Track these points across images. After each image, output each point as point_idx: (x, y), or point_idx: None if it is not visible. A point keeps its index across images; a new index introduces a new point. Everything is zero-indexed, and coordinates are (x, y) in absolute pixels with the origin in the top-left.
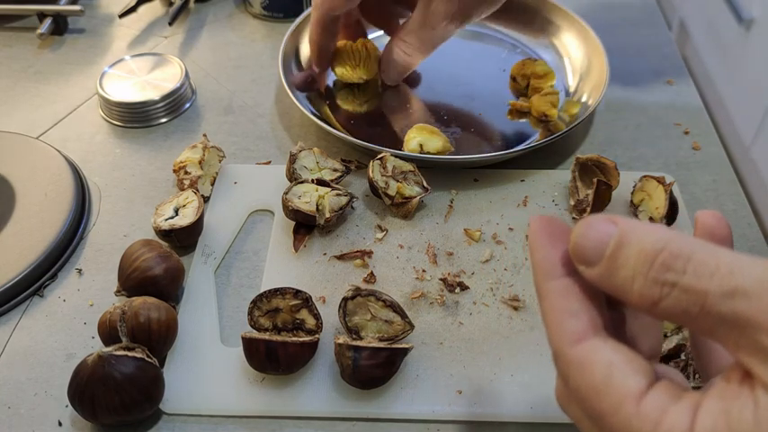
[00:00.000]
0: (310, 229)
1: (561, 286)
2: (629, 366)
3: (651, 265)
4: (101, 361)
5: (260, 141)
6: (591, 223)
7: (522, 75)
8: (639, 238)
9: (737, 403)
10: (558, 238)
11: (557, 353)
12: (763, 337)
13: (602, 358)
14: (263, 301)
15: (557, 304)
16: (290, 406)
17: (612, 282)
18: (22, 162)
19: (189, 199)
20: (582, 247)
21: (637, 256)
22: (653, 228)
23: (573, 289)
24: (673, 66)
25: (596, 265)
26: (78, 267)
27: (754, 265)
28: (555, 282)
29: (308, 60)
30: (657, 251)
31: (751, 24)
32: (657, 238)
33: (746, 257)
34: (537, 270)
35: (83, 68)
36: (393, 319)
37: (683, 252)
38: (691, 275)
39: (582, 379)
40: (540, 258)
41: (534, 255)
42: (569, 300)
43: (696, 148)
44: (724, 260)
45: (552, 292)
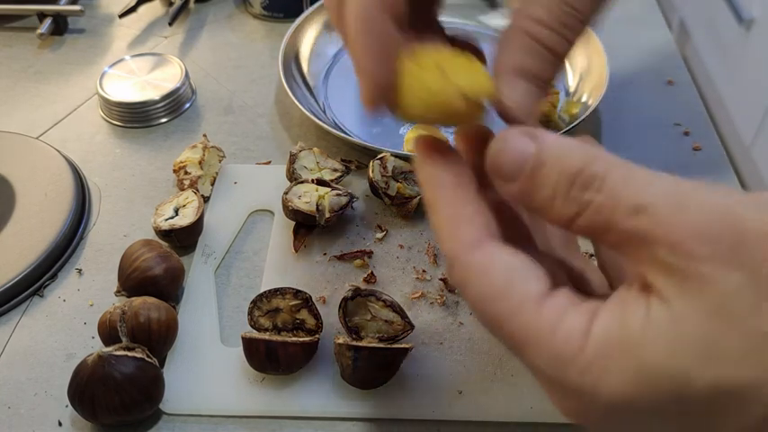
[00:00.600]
0: (310, 229)
1: (452, 193)
2: (530, 272)
3: (570, 186)
4: (101, 361)
5: (260, 141)
6: (509, 138)
7: None
8: (559, 157)
9: (631, 308)
10: (444, 152)
11: (453, 260)
12: (661, 251)
13: (502, 263)
14: (263, 301)
15: (449, 211)
16: (290, 406)
17: (531, 199)
18: (22, 162)
19: (189, 199)
20: (500, 163)
21: (558, 176)
22: (573, 145)
23: (465, 195)
24: (673, 66)
25: (515, 182)
26: (78, 267)
27: (659, 181)
28: (445, 189)
29: (308, 62)
30: (577, 172)
31: (751, 24)
32: (578, 157)
33: (657, 175)
34: (425, 181)
35: (83, 68)
36: (393, 319)
37: (600, 171)
38: (605, 194)
39: (481, 285)
40: (428, 170)
41: (422, 169)
42: (462, 206)
43: (696, 148)
44: (634, 177)
45: (443, 199)
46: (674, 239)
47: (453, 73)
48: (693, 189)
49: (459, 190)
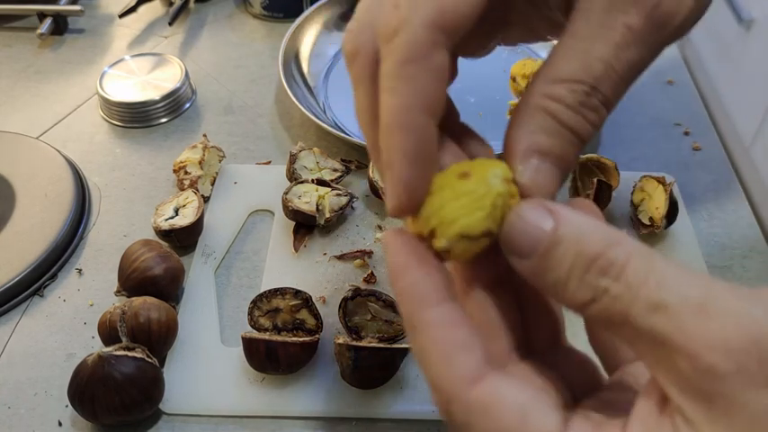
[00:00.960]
0: (310, 229)
1: (443, 314)
2: (543, 404)
3: (587, 269)
4: (101, 361)
5: (260, 141)
6: (525, 212)
7: (522, 75)
8: (578, 238)
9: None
10: (423, 257)
11: (450, 398)
12: (681, 362)
13: (512, 399)
14: (263, 301)
15: (441, 337)
16: (290, 406)
17: (545, 278)
18: (22, 162)
19: (189, 199)
20: (514, 238)
21: (574, 258)
22: (593, 226)
23: (458, 315)
24: (673, 66)
25: (529, 259)
26: (78, 267)
27: (682, 278)
28: (434, 309)
29: (308, 62)
30: (596, 255)
31: (751, 24)
32: (598, 239)
33: (680, 269)
34: (407, 298)
35: (83, 68)
36: (393, 319)
37: (620, 258)
38: (623, 284)
39: (490, 425)
40: (409, 283)
41: (400, 280)
42: (456, 330)
43: (696, 148)
44: (655, 270)
45: (433, 323)
46: (695, 350)
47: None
48: (718, 291)
49: (449, 308)
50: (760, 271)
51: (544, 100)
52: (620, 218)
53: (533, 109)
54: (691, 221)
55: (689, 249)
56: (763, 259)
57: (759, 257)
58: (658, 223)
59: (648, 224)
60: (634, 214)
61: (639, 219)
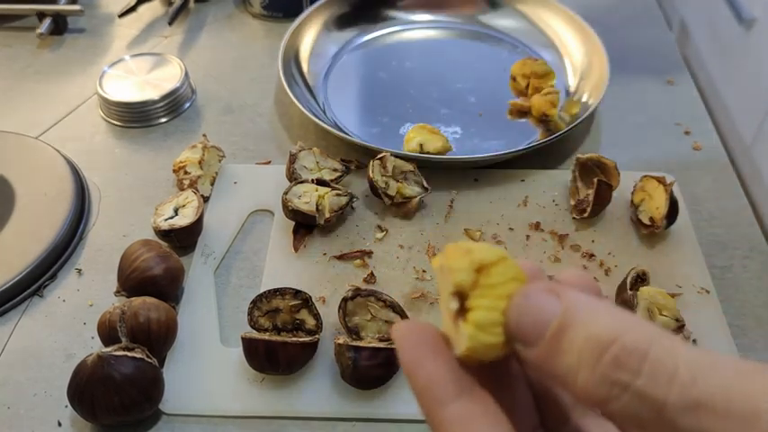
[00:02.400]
0: (310, 229)
1: (459, 411)
2: None
3: (600, 358)
4: (100, 361)
5: (260, 141)
6: (529, 295)
7: (522, 74)
8: (586, 322)
9: None
10: (434, 348)
11: None
12: None
13: None
14: (263, 301)
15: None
16: (290, 406)
17: (553, 368)
18: (22, 162)
19: (189, 199)
20: (520, 324)
21: (583, 344)
22: (602, 309)
23: (473, 410)
24: (673, 66)
25: (536, 347)
26: (78, 267)
27: (718, 371)
28: (450, 408)
29: (308, 62)
30: (609, 342)
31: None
32: (609, 323)
33: (709, 358)
34: (423, 396)
35: (83, 68)
36: (393, 319)
37: (639, 347)
38: (647, 378)
39: None
40: (424, 381)
41: (417, 377)
42: (473, 425)
43: (696, 148)
44: (684, 361)
45: (450, 422)
46: None
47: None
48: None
49: (464, 404)
50: (760, 271)
51: None
52: (620, 218)
53: None
54: (691, 221)
55: (689, 249)
56: (763, 259)
57: (759, 257)
58: (659, 223)
59: (649, 224)
60: (634, 214)
61: (640, 219)
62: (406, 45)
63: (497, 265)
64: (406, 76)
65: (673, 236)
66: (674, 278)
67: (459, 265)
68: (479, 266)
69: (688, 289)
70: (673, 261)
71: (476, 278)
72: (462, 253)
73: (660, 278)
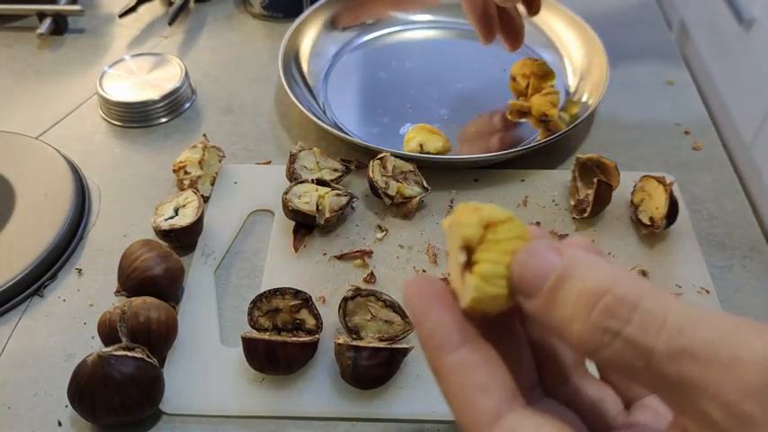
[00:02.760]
0: (310, 229)
1: (461, 359)
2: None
3: (592, 308)
4: (101, 361)
5: (260, 141)
6: (533, 250)
7: (522, 75)
8: (583, 275)
9: None
10: (441, 299)
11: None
12: (710, 407)
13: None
14: (263, 301)
15: (461, 381)
16: (290, 406)
17: (550, 319)
18: (22, 162)
19: (189, 199)
20: (521, 276)
21: (578, 296)
22: (600, 264)
23: (475, 358)
24: (673, 66)
25: (536, 298)
26: (78, 267)
27: (705, 321)
28: (453, 355)
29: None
30: (601, 292)
31: (751, 24)
32: (603, 277)
33: (698, 310)
34: (428, 344)
35: (83, 68)
36: (393, 319)
37: (630, 297)
38: (636, 326)
39: None
40: (429, 330)
41: (422, 327)
42: (474, 373)
43: (696, 148)
44: (673, 313)
45: (452, 369)
46: (727, 398)
47: None
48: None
49: (466, 351)
50: (760, 271)
51: None
52: (620, 218)
53: None
54: (691, 221)
55: (689, 249)
56: (763, 259)
57: (759, 257)
58: (658, 223)
59: (649, 224)
60: (634, 214)
61: (640, 219)
62: (406, 45)
63: (505, 223)
64: (407, 76)
65: (673, 236)
66: (674, 278)
67: (468, 221)
68: (487, 223)
69: (688, 289)
70: (673, 261)
71: (483, 234)
72: (472, 210)
73: (660, 278)
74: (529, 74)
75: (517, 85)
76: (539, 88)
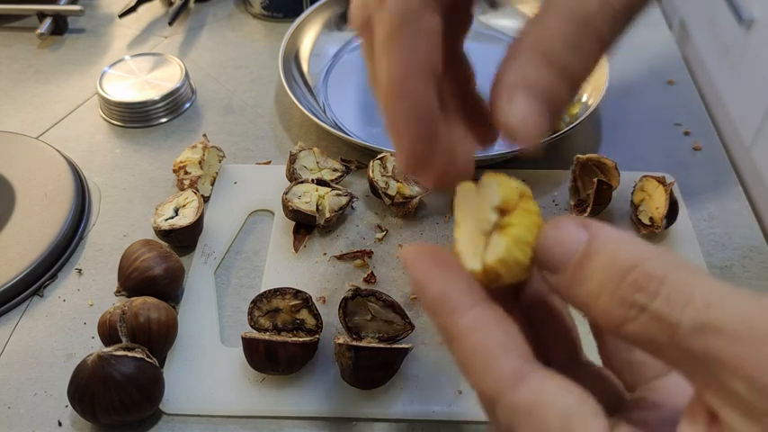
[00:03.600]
0: (310, 229)
1: (477, 319)
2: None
3: (620, 283)
4: (101, 361)
5: (260, 141)
6: (560, 225)
7: None
8: (611, 250)
9: None
10: (446, 262)
11: (494, 400)
12: (734, 382)
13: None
14: (263, 301)
15: (480, 341)
16: (290, 406)
17: (576, 294)
18: (22, 162)
19: (189, 199)
20: (547, 251)
21: (605, 270)
22: (628, 239)
23: (490, 317)
24: (673, 66)
25: (561, 273)
26: (78, 267)
27: (732, 298)
28: (467, 315)
29: (308, 62)
30: (629, 267)
31: (751, 24)
32: (632, 252)
33: (725, 287)
34: (439, 308)
35: (83, 68)
36: (393, 319)
37: (657, 273)
38: (662, 301)
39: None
40: (438, 293)
41: (429, 291)
42: (492, 332)
43: (696, 148)
44: (700, 288)
45: (469, 329)
46: (752, 373)
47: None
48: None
49: (481, 311)
50: (760, 271)
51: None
52: (620, 218)
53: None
54: (691, 221)
55: (689, 249)
56: (763, 259)
57: (759, 257)
58: (658, 223)
59: (648, 224)
60: (634, 214)
61: (639, 219)
62: None
63: (531, 198)
64: None
65: (673, 236)
66: None
67: (509, 183)
68: (522, 193)
69: None
70: None
71: (518, 202)
72: (505, 177)
73: None
74: None
75: None
76: None
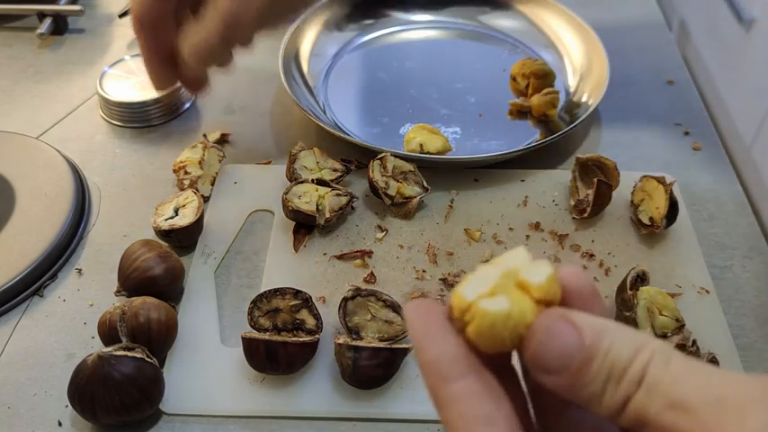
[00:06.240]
0: (310, 229)
1: (466, 388)
2: None
3: (621, 380)
4: (101, 361)
5: (260, 141)
6: (551, 328)
7: (522, 75)
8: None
9: None
10: (444, 326)
11: None
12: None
13: None
14: (263, 301)
15: (465, 412)
16: (290, 406)
17: (578, 394)
18: (22, 162)
19: (189, 199)
20: (543, 356)
21: (608, 373)
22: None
23: (480, 389)
24: (673, 66)
25: (559, 375)
26: (78, 267)
27: (697, 373)
28: (457, 384)
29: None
30: (627, 365)
31: (751, 24)
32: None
33: (694, 364)
34: (431, 372)
35: (83, 68)
36: (393, 319)
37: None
38: (643, 388)
39: None
40: (432, 357)
41: (425, 353)
42: (480, 403)
43: (696, 148)
44: (672, 369)
45: (457, 398)
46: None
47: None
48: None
49: (471, 381)
50: (760, 271)
51: None
52: (620, 218)
53: None
54: (691, 221)
55: (689, 249)
56: (763, 259)
57: (759, 257)
58: (658, 223)
59: (648, 224)
60: (634, 214)
61: (639, 219)
62: (406, 45)
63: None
64: (406, 77)
65: (673, 236)
66: (674, 278)
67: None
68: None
69: (688, 289)
70: (673, 261)
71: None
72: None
73: (660, 278)
74: (529, 74)
75: (517, 85)
76: (539, 88)
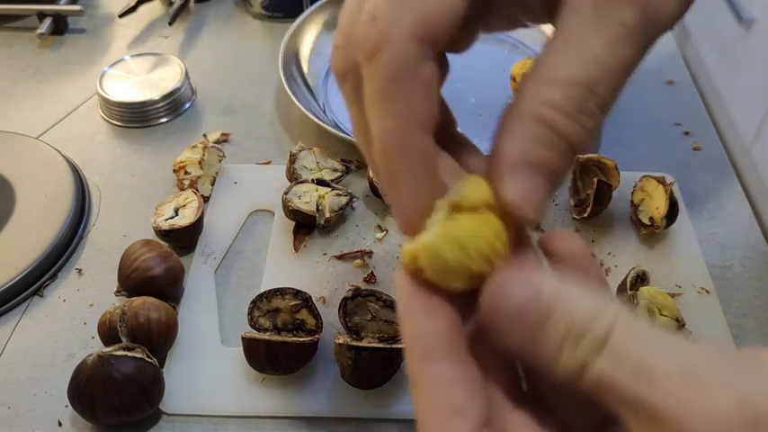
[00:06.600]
0: (310, 229)
1: (443, 373)
2: None
3: (578, 343)
4: (101, 361)
5: (260, 141)
6: (508, 284)
7: (522, 75)
8: (567, 309)
9: None
10: (434, 302)
11: None
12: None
13: None
14: (263, 301)
15: (437, 398)
16: (290, 406)
17: (534, 354)
18: (22, 162)
19: (189, 199)
20: (498, 313)
21: (566, 331)
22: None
23: (458, 376)
24: (673, 66)
25: (515, 335)
26: (78, 267)
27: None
28: (435, 366)
29: (308, 62)
30: (586, 327)
31: (751, 24)
32: (587, 309)
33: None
34: (411, 348)
35: (83, 68)
36: (393, 319)
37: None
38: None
39: None
40: (415, 332)
41: (408, 327)
42: (454, 391)
43: (696, 148)
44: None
45: (432, 381)
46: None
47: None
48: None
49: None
50: (760, 271)
51: (538, 106)
52: (620, 218)
53: (526, 116)
54: (691, 221)
55: (689, 249)
56: (763, 259)
57: (759, 257)
58: (658, 223)
59: (648, 224)
60: (634, 214)
61: (639, 219)
62: None
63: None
64: None
65: (673, 236)
66: (674, 278)
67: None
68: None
69: (688, 289)
70: (673, 261)
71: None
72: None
73: (660, 278)
74: None
75: (517, 85)
76: None
